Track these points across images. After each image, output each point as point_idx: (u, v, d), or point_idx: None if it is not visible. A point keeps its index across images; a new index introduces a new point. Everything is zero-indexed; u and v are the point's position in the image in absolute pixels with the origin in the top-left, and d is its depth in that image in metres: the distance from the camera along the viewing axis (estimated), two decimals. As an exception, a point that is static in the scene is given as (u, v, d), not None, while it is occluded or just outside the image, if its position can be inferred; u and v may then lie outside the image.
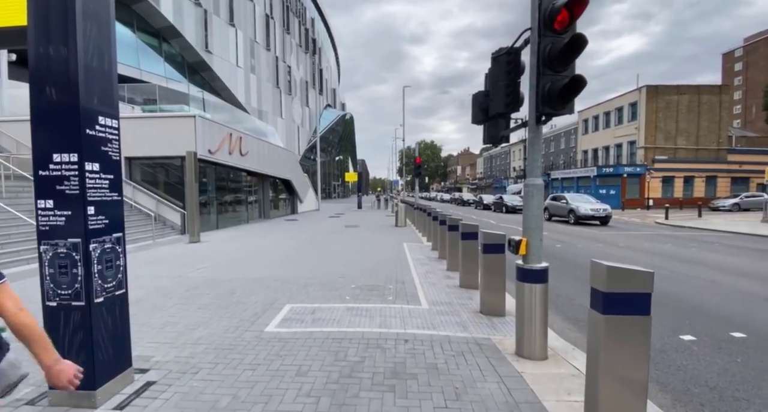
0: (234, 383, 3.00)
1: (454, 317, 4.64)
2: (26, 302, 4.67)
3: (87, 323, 2.60)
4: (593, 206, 16.85)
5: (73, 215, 2.56)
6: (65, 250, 2.57)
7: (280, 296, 5.48)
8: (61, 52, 2.49)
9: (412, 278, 6.58)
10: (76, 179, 2.53)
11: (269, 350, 3.62)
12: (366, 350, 3.64)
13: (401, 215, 16.31)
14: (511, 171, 52.62)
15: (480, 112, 4.17)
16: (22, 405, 2.69)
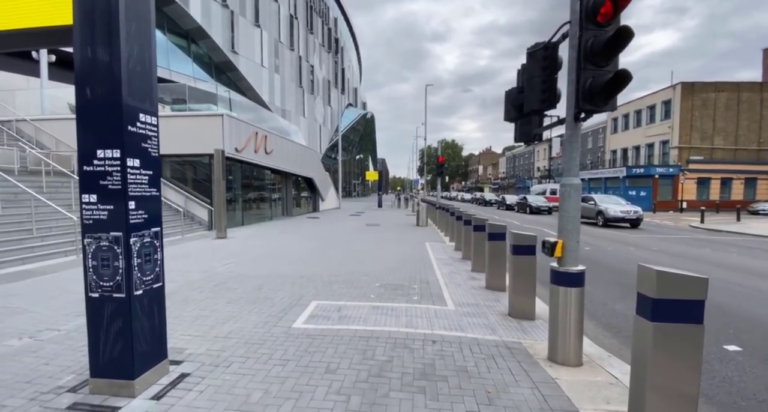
0: (265, 378, 3.03)
1: (482, 320, 4.55)
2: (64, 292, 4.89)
3: (127, 315, 2.67)
4: (623, 207, 16.24)
5: (115, 209, 2.63)
6: (107, 243, 2.65)
7: (306, 292, 5.52)
8: (106, 51, 2.57)
9: (437, 278, 6.50)
10: (118, 175, 2.60)
11: (298, 346, 3.64)
12: (394, 349, 3.60)
13: (422, 215, 16.20)
14: (535, 171, 51.45)
15: (513, 109, 4.06)
16: (65, 392, 2.79)
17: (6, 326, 4.12)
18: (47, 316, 4.43)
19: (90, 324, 2.71)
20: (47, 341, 3.71)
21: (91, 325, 2.71)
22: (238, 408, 2.62)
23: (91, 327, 2.72)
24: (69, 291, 5.46)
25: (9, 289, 5.58)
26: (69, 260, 7.66)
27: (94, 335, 2.71)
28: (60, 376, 3.02)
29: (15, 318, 4.36)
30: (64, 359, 3.32)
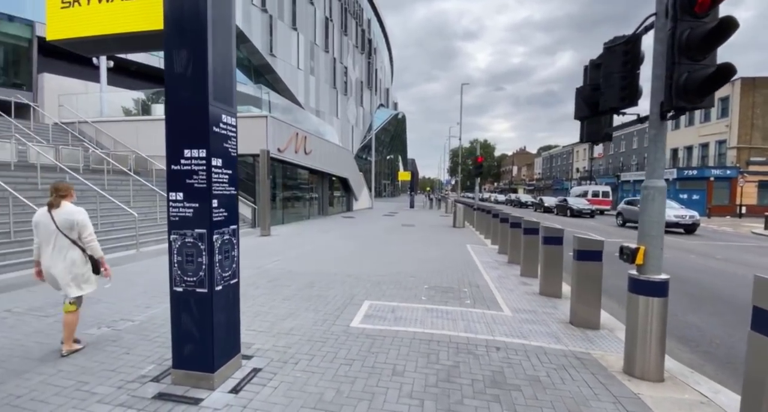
0: (334, 377, 3.03)
1: (543, 327, 4.37)
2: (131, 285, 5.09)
3: (209, 309, 2.75)
4: (677, 211, 15.22)
5: (200, 207, 2.71)
6: (192, 240, 2.74)
7: (357, 292, 5.53)
8: (194, 55, 2.65)
9: (486, 282, 6.34)
10: (203, 174, 2.69)
11: (360, 346, 3.63)
12: (457, 354, 3.52)
13: (459, 216, 15.94)
14: (574, 172, 49.43)
15: (586, 106, 3.86)
16: (148, 381, 2.92)
17: (85, 315, 4.37)
18: (120, 306, 4.69)
19: (174, 317, 2.82)
20: (124, 331, 3.92)
21: (175, 318, 2.82)
22: (313, 406, 2.63)
23: (174, 320, 2.82)
24: (135, 283, 5.77)
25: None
26: (130, 254, 8.11)
27: (177, 328, 2.81)
28: (141, 365, 3.17)
29: (92, 308, 4.63)
30: (143, 349, 3.48)
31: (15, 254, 6.64)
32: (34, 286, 5.54)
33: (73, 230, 3.33)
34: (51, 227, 3.28)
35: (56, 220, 3.28)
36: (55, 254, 3.29)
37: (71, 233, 3.32)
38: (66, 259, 3.30)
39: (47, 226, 3.29)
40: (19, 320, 4.17)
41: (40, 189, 8.94)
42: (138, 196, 10.82)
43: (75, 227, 3.32)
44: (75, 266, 3.33)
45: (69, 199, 3.44)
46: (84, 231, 3.36)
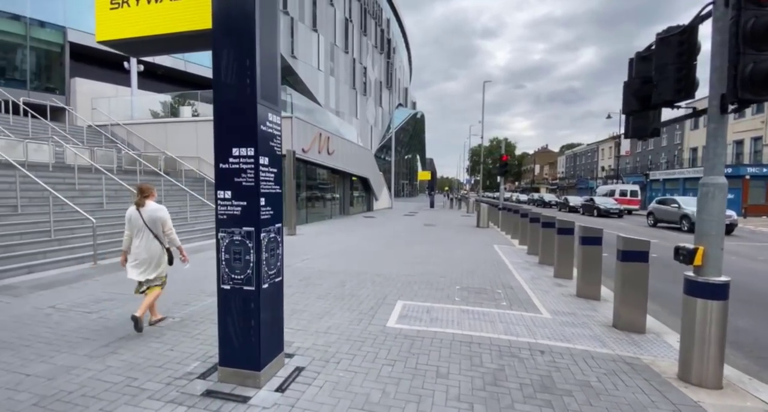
0: (378, 378, 2.99)
1: (585, 330, 4.22)
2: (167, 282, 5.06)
3: (256, 307, 2.75)
4: (713, 211, 14.54)
5: (248, 205, 2.72)
6: (240, 238, 2.75)
7: (389, 292, 5.48)
8: (243, 53, 2.66)
9: (520, 284, 6.18)
10: (252, 172, 2.69)
11: (400, 347, 3.58)
12: (501, 357, 3.42)
13: (483, 216, 15.70)
14: (599, 171, 48.03)
15: (635, 100, 3.70)
16: (195, 378, 2.94)
17: (126, 311, 4.49)
18: (159, 304, 4.77)
19: (221, 315, 2.83)
20: (166, 328, 3.98)
21: (222, 316, 2.83)
22: (361, 407, 2.59)
23: (221, 318, 2.83)
24: (171, 281, 5.87)
25: (121, 277, 6.11)
26: (163, 252, 8.31)
27: (224, 326, 2.83)
28: (187, 362, 3.20)
29: (132, 304, 4.74)
30: (186, 346, 3.53)
31: (55, 251, 6.90)
32: (76, 282, 5.74)
33: (156, 225, 3.90)
34: (139, 222, 3.86)
35: (144, 217, 3.85)
36: (142, 244, 3.87)
37: (155, 228, 3.90)
38: (150, 249, 3.89)
39: (137, 221, 3.87)
40: (64, 317, 4.30)
41: (78, 189, 9.28)
42: (169, 196, 11.09)
43: (158, 222, 3.90)
44: (156, 255, 3.94)
45: (152, 198, 4.00)
46: (165, 225, 3.95)
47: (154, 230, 3.88)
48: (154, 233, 3.89)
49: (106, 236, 7.99)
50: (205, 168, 13.78)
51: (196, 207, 11.34)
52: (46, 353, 3.33)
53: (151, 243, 3.89)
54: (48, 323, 4.07)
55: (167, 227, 3.95)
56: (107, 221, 8.48)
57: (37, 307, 4.58)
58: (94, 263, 6.93)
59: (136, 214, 3.88)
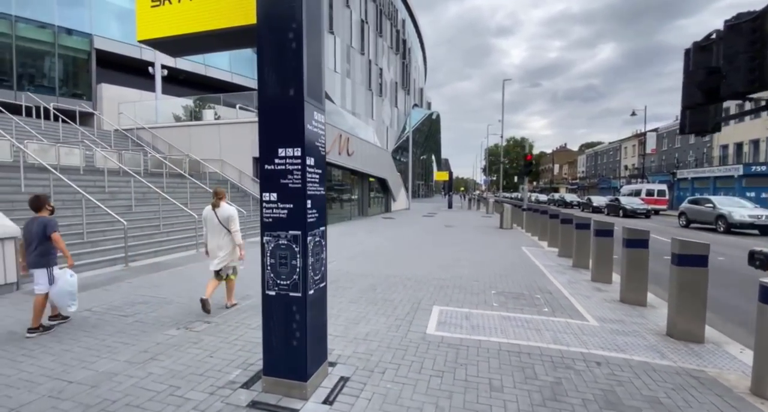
0: (428, 391, 2.82)
1: (638, 339, 3.95)
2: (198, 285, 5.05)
3: (302, 315, 2.62)
4: (751, 211, 13.83)
5: (294, 207, 2.59)
6: (286, 242, 2.62)
7: (422, 296, 5.31)
8: (289, 49, 2.53)
9: (557, 288, 5.92)
10: (298, 173, 2.56)
11: (445, 356, 3.40)
12: (555, 369, 3.21)
13: (507, 217, 15.34)
14: (622, 170, 46.64)
15: (700, 93, 3.43)
16: (239, 388, 2.83)
17: (161, 315, 4.45)
18: (192, 307, 4.73)
19: (265, 322, 2.71)
20: (202, 333, 3.91)
21: (267, 323, 2.71)
22: (416, 423, 2.43)
23: (266, 325, 2.72)
24: (201, 284, 5.85)
25: (152, 280, 6.14)
26: (191, 254, 8.35)
27: (269, 334, 2.71)
28: (228, 370, 3.10)
29: (166, 308, 4.71)
30: (225, 353, 3.43)
31: (88, 254, 6.98)
32: (109, 285, 5.76)
33: (228, 223, 4.46)
34: (215, 221, 4.46)
35: (218, 216, 4.45)
36: (219, 240, 4.48)
37: (228, 225, 4.45)
38: (224, 244, 4.49)
39: (213, 220, 4.47)
40: (101, 320, 4.27)
41: (107, 192, 9.43)
42: (194, 198, 11.19)
43: (230, 220, 4.46)
44: (229, 249, 4.51)
45: (224, 200, 4.58)
46: (233, 224, 4.48)
47: (227, 227, 4.47)
48: (227, 229, 4.47)
49: (136, 238, 8.07)
50: (228, 170, 13.89)
51: (220, 209, 11.38)
52: (87, 359, 3.28)
53: (224, 239, 4.48)
54: (85, 327, 4.04)
55: (234, 225, 4.49)
56: (136, 223, 8.57)
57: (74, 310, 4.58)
58: (126, 264, 6.98)
59: (211, 214, 4.47)
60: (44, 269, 3.86)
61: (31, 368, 3.12)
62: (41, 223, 3.87)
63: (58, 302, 3.92)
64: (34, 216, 3.97)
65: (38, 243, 3.83)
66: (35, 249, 3.83)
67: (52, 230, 3.86)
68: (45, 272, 3.86)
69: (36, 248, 3.83)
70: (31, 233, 3.85)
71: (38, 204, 3.99)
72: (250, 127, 13.91)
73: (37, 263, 3.85)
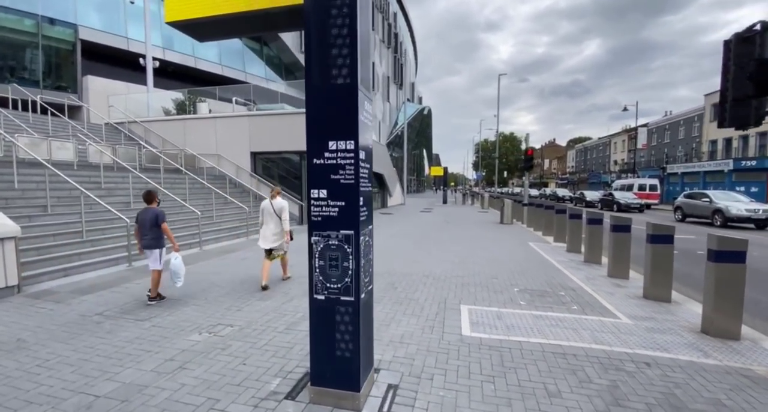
0: (485, 398, 2.67)
1: (676, 337, 3.88)
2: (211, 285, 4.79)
3: (355, 320, 2.44)
4: (748, 205, 14.05)
5: (346, 205, 2.39)
6: (336, 242, 2.43)
7: (446, 295, 5.17)
8: (341, 32, 2.32)
9: (579, 285, 5.84)
10: (351, 168, 2.36)
11: (490, 360, 3.26)
12: (606, 371, 3.09)
13: (508, 212, 15.31)
14: (611, 165, 47.30)
15: (752, 85, 3.32)
16: (283, 399, 2.64)
17: (178, 319, 4.21)
18: (210, 310, 4.49)
19: (314, 329, 2.52)
20: (228, 338, 3.69)
21: (316, 330, 2.52)
22: (482, 435, 2.28)
23: (315, 332, 2.52)
24: (215, 284, 5.61)
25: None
26: (194, 253, 8.05)
27: (318, 341, 2.52)
28: (265, 379, 2.90)
29: (182, 310, 4.46)
30: (257, 359, 3.23)
31: (89, 253, 6.64)
32: (116, 286, 5.47)
33: (281, 212, 5.60)
34: (271, 210, 5.59)
35: (274, 207, 5.61)
36: (273, 226, 5.59)
37: (280, 214, 5.60)
38: (276, 229, 5.59)
39: (269, 209, 5.61)
40: (116, 325, 4.02)
41: (104, 188, 9.02)
42: (192, 194, 10.84)
43: (282, 210, 5.61)
44: (280, 232, 5.62)
45: (279, 195, 5.78)
46: (285, 213, 5.64)
47: (279, 216, 5.61)
48: (280, 218, 5.61)
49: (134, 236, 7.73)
50: (225, 165, 13.51)
51: (219, 205, 11.07)
52: (109, 369, 3.04)
53: (277, 225, 5.60)
54: (100, 333, 3.79)
55: (285, 214, 5.64)
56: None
57: (84, 314, 4.31)
58: (129, 264, 6.67)
59: (269, 205, 5.64)
60: (157, 250, 4.74)
61: (49, 380, 2.87)
62: (153, 213, 4.71)
63: (176, 278, 4.72)
64: (147, 207, 4.79)
65: (150, 229, 4.68)
66: (148, 234, 4.70)
67: (162, 220, 4.73)
68: (157, 252, 4.75)
69: (149, 233, 4.69)
70: (145, 221, 4.69)
71: (150, 198, 4.84)
72: (247, 122, 13.55)
73: (150, 246, 4.72)
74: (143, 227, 4.70)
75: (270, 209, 5.58)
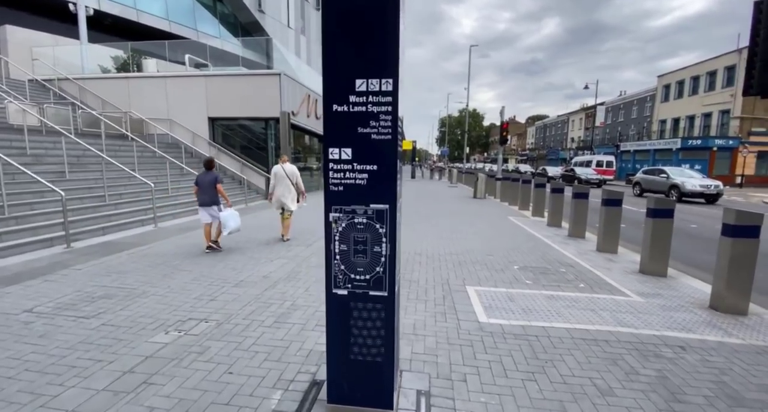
0: (533, 402, 2.26)
1: (691, 315, 3.73)
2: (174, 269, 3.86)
3: (389, 322, 1.88)
4: (702, 181, 14.90)
5: (380, 169, 1.77)
6: (365, 220, 1.81)
7: (446, 275, 4.75)
8: None
9: (575, 260, 5.65)
10: (388, 119, 1.72)
11: (521, 351, 2.86)
12: (647, 359, 2.80)
13: (481, 187, 15.19)
14: (569, 142, 49.09)
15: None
16: (288, 417, 2.06)
17: (136, 314, 3.43)
18: (175, 300, 3.75)
19: (332, 332, 1.94)
20: (202, 336, 3.01)
21: (335, 333, 1.94)
22: (547, 454, 1.85)
23: (332, 335, 1.94)
24: (179, 269, 4.80)
25: (109, 264, 4.93)
26: (149, 231, 7.03)
27: (337, 348, 1.94)
28: (262, 393, 2.30)
29: (140, 303, 3.68)
30: (245, 365, 2.60)
31: (13, 233, 5.49)
32: (51, 273, 4.51)
33: (292, 176, 6.33)
34: (283, 174, 6.27)
35: (286, 171, 6.29)
36: (284, 189, 6.31)
37: (291, 178, 6.31)
38: (290, 192, 6.35)
39: (281, 173, 6.27)
40: (51, 326, 3.18)
41: (30, 155, 7.57)
42: (141, 163, 9.52)
43: (293, 174, 6.35)
44: (293, 195, 6.38)
45: (288, 161, 6.49)
46: (297, 177, 6.42)
47: (291, 180, 6.31)
48: (291, 181, 6.33)
49: (75, 212, 6.57)
50: (179, 132, 12.05)
51: (175, 177, 9.86)
52: (46, 391, 2.29)
53: (289, 187, 6.33)
54: (30, 338, 2.95)
55: (297, 177, 6.43)
56: (74, 193, 6.99)
57: (8, 312, 3.41)
58: (68, 245, 5.60)
59: (281, 170, 6.31)
60: (213, 206, 5.67)
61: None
62: (212, 176, 5.68)
63: (225, 228, 5.65)
64: (206, 171, 5.74)
65: (206, 190, 5.62)
66: (206, 193, 5.63)
67: (219, 182, 5.70)
68: (213, 208, 5.67)
69: (207, 192, 5.62)
70: (204, 182, 5.63)
71: (211, 165, 5.83)
72: (203, 83, 12.03)
73: (206, 203, 5.64)
74: (202, 188, 5.65)
75: (282, 173, 6.33)
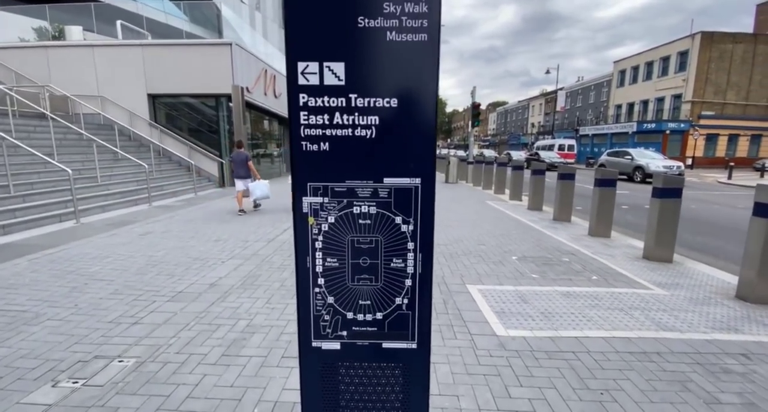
0: (612, 470, 1.54)
1: (725, 309, 3.25)
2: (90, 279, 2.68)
3: (419, 394, 1.04)
4: (665, 162, 15.25)
5: (401, 108, 0.90)
6: (374, 208, 0.95)
7: (441, 271, 4.01)
8: None
9: (573, 247, 5.12)
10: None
11: (564, 378, 2.15)
12: (716, 377, 2.20)
13: (453, 171, 14.62)
14: (530, 127, 50.06)
15: None
16: None
17: (15, 353, 2.38)
18: (79, 325, 2.71)
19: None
20: (110, 389, 2.03)
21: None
22: None
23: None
24: (95, 277, 3.69)
25: (2, 274, 3.72)
26: (68, 228, 5.70)
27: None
28: None
29: (26, 334, 2.61)
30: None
31: None
32: None
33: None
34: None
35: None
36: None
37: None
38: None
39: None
40: None
41: None
42: (63, 147, 7.94)
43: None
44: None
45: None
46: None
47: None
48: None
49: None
50: (114, 111, 10.36)
51: (107, 163, 8.38)
52: None
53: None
54: None
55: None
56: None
57: None
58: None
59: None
60: (246, 179, 7.29)
61: None
62: (244, 154, 7.30)
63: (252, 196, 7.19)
64: (238, 151, 7.36)
65: (240, 166, 7.24)
66: (240, 169, 7.25)
67: (248, 159, 7.33)
68: (245, 181, 7.28)
69: (240, 168, 7.25)
70: (237, 160, 7.25)
71: (240, 145, 7.49)
72: (140, 53, 10.32)
73: (241, 175, 7.26)
74: (236, 164, 7.21)
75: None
